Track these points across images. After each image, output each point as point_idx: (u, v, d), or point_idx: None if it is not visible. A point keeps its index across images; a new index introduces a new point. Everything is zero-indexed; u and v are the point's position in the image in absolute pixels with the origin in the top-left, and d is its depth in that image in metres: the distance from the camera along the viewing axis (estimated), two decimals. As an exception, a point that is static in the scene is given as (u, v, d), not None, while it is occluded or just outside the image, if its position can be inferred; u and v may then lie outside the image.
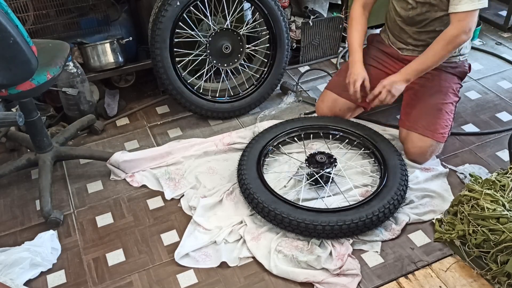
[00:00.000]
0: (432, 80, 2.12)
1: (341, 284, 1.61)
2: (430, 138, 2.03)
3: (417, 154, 2.06)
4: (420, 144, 2.04)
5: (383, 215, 1.76)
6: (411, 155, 2.08)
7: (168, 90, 2.30)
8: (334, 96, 2.24)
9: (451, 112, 2.10)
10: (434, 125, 2.04)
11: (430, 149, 2.05)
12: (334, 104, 2.24)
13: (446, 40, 1.90)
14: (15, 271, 1.65)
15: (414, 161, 2.09)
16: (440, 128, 2.05)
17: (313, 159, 1.96)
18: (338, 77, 2.29)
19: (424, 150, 2.04)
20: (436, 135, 2.03)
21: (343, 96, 2.20)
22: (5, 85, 1.65)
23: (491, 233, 1.60)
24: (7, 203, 2.03)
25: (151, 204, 1.99)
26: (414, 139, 2.06)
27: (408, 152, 2.09)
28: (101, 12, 2.37)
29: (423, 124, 2.05)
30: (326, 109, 2.26)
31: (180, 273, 1.70)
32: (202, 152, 2.18)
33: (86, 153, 2.16)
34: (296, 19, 2.78)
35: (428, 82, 2.13)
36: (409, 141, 2.07)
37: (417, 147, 2.05)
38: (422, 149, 2.04)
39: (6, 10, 1.52)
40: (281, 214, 1.73)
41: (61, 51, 1.88)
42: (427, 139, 2.03)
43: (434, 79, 2.12)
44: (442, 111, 2.07)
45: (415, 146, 2.05)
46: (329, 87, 2.29)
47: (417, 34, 2.10)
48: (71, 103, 2.35)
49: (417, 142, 2.05)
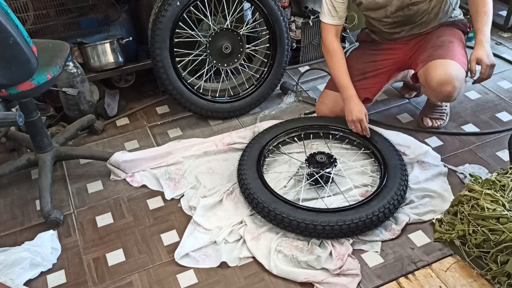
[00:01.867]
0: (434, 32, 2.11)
1: (341, 284, 1.61)
2: (452, 60, 1.94)
3: (444, 80, 1.93)
4: (445, 69, 1.93)
5: (383, 215, 1.76)
6: (438, 83, 1.94)
7: (168, 90, 2.30)
8: (334, 96, 2.22)
9: (463, 48, 2.05)
10: (451, 52, 1.98)
11: (458, 74, 1.94)
12: (335, 104, 2.22)
13: None
14: (15, 271, 1.65)
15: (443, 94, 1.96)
16: (459, 54, 1.98)
17: (313, 159, 1.96)
18: None
19: (451, 75, 1.92)
20: (457, 59, 1.96)
21: None
22: (5, 85, 1.65)
23: (491, 233, 1.60)
24: (7, 203, 2.03)
25: (151, 204, 1.99)
26: (436, 65, 1.95)
27: (433, 80, 1.95)
28: (101, 12, 2.37)
29: (440, 53, 1.99)
30: (326, 110, 2.25)
31: (180, 273, 1.70)
32: (202, 152, 2.18)
33: (86, 153, 2.16)
34: (296, 19, 2.78)
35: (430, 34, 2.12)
36: (432, 69, 1.96)
37: (443, 72, 1.92)
38: (448, 74, 1.92)
39: (6, 10, 1.52)
40: (281, 214, 1.73)
41: (61, 51, 1.88)
42: (451, 62, 1.94)
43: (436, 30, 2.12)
44: (454, 43, 2.02)
45: (440, 72, 1.93)
46: (329, 86, 2.28)
47: (410, 30, 2.11)
48: (71, 103, 2.35)
49: (440, 67, 1.93)
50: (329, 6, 2.08)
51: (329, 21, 2.11)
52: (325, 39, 2.14)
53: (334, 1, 2.06)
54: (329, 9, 2.08)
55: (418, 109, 2.46)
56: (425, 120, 2.32)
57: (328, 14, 2.10)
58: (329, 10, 2.09)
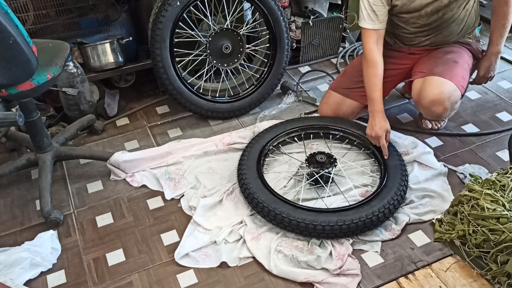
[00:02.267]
0: (446, 47, 2.11)
1: (341, 284, 1.61)
2: (449, 80, 1.93)
3: (436, 100, 1.94)
4: (440, 88, 1.92)
5: (383, 215, 1.76)
6: (429, 102, 1.95)
7: (168, 90, 2.30)
8: (339, 98, 2.20)
9: (467, 70, 2.04)
10: (452, 72, 1.97)
11: (451, 96, 1.94)
12: (339, 106, 2.21)
13: None
14: (15, 271, 1.65)
15: (433, 114, 1.98)
16: (459, 76, 1.96)
17: (313, 159, 1.96)
18: (342, 78, 2.26)
19: (444, 96, 1.92)
20: (456, 80, 1.94)
21: (350, 97, 2.18)
22: (5, 85, 1.65)
23: (491, 233, 1.60)
24: (7, 203, 2.03)
25: (151, 204, 1.99)
26: (432, 83, 1.95)
27: (426, 98, 1.96)
28: (101, 12, 2.37)
29: (440, 70, 1.97)
30: (330, 112, 2.24)
31: (180, 273, 1.70)
32: (202, 152, 2.18)
33: (86, 153, 2.16)
34: (296, 19, 2.78)
35: (441, 48, 2.11)
36: (427, 85, 1.95)
37: (437, 92, 1.93)
38: (441, 95, 1.93)
39: (6, 10, 1.52)
40: (281, 214, 1.73)
41: (61, 51, 1.88)
42: (447, 82, 1.93)
43: (448, 46, 2.11)
44: (458, 64, 2.01)
45: (434, 91, 1.93)
46: (333, 87, 2.25)
47: (434, 38, 2.09)
48: (71, 103, 2.35)
49: (436, 85, 1.93)
50: (368, 10, 1.97)
51: (369, 26, 1.99)
52: (365, 46, 2.02)
53: (374, 5, 1.95)
54: (368, 13, 1.97)
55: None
56: (425, 122, 2.31)
57: (368, 19, 1.98)
58: (368, 15, 1.97)
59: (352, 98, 2.18)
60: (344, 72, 2.31)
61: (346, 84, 2.20)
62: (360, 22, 2.03)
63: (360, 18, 2.02)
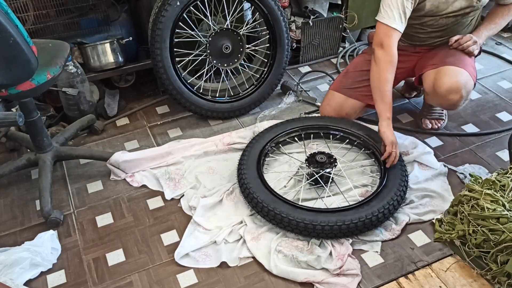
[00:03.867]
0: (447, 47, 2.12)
1: (341, 284, 1.61)
2: (464, 69, 1.94)
3: (454, 89, 1.93)
4: (456, 77, 1.92)
5: (383, 216, 1.76)
6: (446, 90, 1.94)
7: (168, 90, 2.29)
8: (341, 98, 2.20)
9: (473, 61, 2.06)
10: (464, 61, 1.99)
11: (466, 84, 1.94)
12: (342, 107, 2.20)
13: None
14: (15, 271, 1.65)
15: (449, 102, 1.98)
16: (470, 66, 1.99)
17: (313, 159, 1.96)
18: (344, 78, 2.25)
19: (460, 84, 1.92)
20: (469, 69, 1.96)
21: (353, 97, 2.17)
22: (5, 85, 1.65)
23: (491, 233, 1.60)
24: (7, 203, 2.03)
25: (151, 204, 1.99)
26: (448, 72, 1.94)
27: (442, 87, 1.94)
28: (101, 12, 2.37)
29: (452, 60, 1.98)
30: (332, 112, 2.23)
31: (180, 273, 1.70)
32: (202, 152, 2.18)
33: (86, 153, 2.16)
34: (296, 19, 2.78)
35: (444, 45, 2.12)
36: (443, 75, 1.94)
37: (454, 81, 1.92)
38: (458, 83, 1.92)
39: (6, 10, 1.52)
40: (281, 213, 1.73)
41: (61, 51, 1.88)
42: (462, 70, 1.94)
43: None
44: (466, 56, 2.04)
45: (450, 79, 1.92)
46: (334, 88, 2.24)
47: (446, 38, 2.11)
48: (71, 103, 2.35)
49: (451, 74, 1.93)
50: (401, 11, 1.91)
51: (398, 27, 1.94)
52: (389, 46, 1.95)
53: (407, 8, 1.91)
54: (400, 14, 1.92)
55: (418, 109, 2.46)
56: (425, 122, 2.31)
57: (399, 20, 1.93)
58: (400, 15, 1.92)
59: (356, 98, 2.18)
60: (345, 72, 2.30)
61: (349, 84, 2.20)
62: (387, 21, 1.94)
63: (388, 17, 1.94)
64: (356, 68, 2.22)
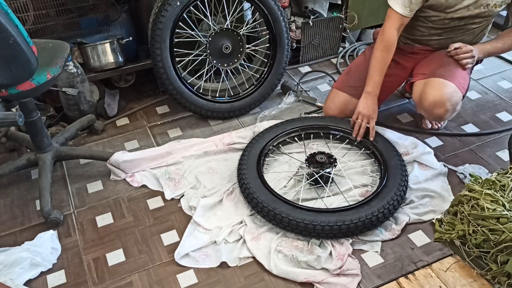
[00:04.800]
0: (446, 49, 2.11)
1: (341, 284, 1.61)
2: (451, 82, 1.94)
3: (438, 102, 1.94)
4: (441, 90, 1.93)
5: (383, 216, 1.76)
6: (430, 104, 1.96)
7: (168, 90, 2.29)
8: (346, 97, 2.19)
9: (467, 73, 2.05)
10: (453, 73, 1.98)
11: (452, 97, 1.95)
12: (346, 106, 2.20)
13: None
14: (15, 271, 1.65)
15: (434, 115, 2.00)
16: (459, 77, 1.98)
17: (313, 159, 1.96)
18: (347, 76, 2.25)
19: (445, 97, 1.93)
20: (456, 81, 1.95)
21: (357, 96, 2.16)
22: (5, 85, 1.65)
23: (491, 233, 1.60)
24: (7, 203, 2.03)
25: (151, 204, 1.99)
26: (434, 84, 1.96)
27: (427, 100, 1.97)
28: (101, 12, 2.37)
29: (441, 72, 1.98)
30: (336, 111, 2.22)
31: (180, 273, 1.70)
32: (202, 152, 2.18)
33: (86, 153, 2.16)
34: (296, 19, 2.78)
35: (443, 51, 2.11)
36: (428, 87, 1.96)
37: (438, 94, 1.93)
38: (442, 96, 1.93)
39: (6, 10, 1.52)
40: (281, 213, 1.73)
41: (61, 51, 1.88)
42: (448, 83, 1.94)
43: None
44: (459, 67, 2.03)
45: (435, 93, 1.94)
46: (338, 86, 2.24)
47: (443, 40, 2.10)
48: (71, 103, 2.35)
49: (437, 87, 1.94)
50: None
51: (399, 10, 1.96)
52: (386, 28, 2.00)
53: None
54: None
55: (418, 109, 2.46)
56: (424, 122, 2.31)
57: (402, 3, 1.94)
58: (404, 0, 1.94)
59: (359, 98, 2.15)
60: (348, 70, 2.29)
61: (353, 83, 2.19)
62: (390, 2, 1.98)
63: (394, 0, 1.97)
64: (359, 67, 2.22)
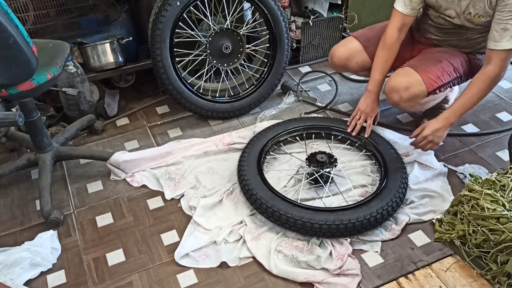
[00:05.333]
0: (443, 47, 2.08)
1: (341, 284, 1.61)
2: (417, 73, 1.92)
3: (394, 88, 1.94)
4: (402, 78, 1.92)
5: (381, 217, 1.75)
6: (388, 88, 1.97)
7: (168, 90, 2.30)
8: (358, 46, 2.15)
9: (450, 73, 1.99)
10: (426, 68, 1.94)
11: (410, 87, 1.92)
12: (354, 55, 2.15)
13: (488, 81, 1.83)
14: (15, 271, 1.65)
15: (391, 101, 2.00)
16: (432, 73, 1.93)
17: (314, 158, 1.96)
18: (369, 30, 2.22)
19: (401, 85, 1.92)
20: (425, 75, 1.92)
21: (368, 51, 2.13)
22: (5, 85, 1.65)
23: (491, 233, 1.60)
24: (7, 203, 2.03)
25: (151, 204, 1.99)
26: (401, 72, 1.96)
27: (387, 85, 1.98)
28: (101, 12, 2.37)
29: (416, 64, 1.97)
30: (343, 54, 2.17)
31: (180, 273, 1.70)
32: (202, 152, 2.18)
33: (86, 153, 2.16)
34: (296, 19, 2.78)
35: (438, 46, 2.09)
36: (395, 74, 1.97)
37: (397, 80, 1.93)
38: (399, 83, 1.92)
39: (6, 10, 1.52)
40: (279, 211, 1.73)
41: (61, 51, 1.88)
42: (413, 73, 1.92)
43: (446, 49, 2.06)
44: (441, 63, 1.98)
45: (395, 79, 1.95)
46: (356, 34, 2.20)
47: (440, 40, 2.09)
48: (71, 103, 2.35)
49: (400, 74, 1.95)
50: None
51: (399, 8, 1.96)
52: (389, 29, 2.00)
53: None
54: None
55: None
56: (423, 121, 2.31)
57: (402, 1, 1.94)
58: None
59: (368, 54, 2.14)
60: (372, 27, 2.25)
61: (371, 36, 2.16)
62: (395, 2, 1.99)
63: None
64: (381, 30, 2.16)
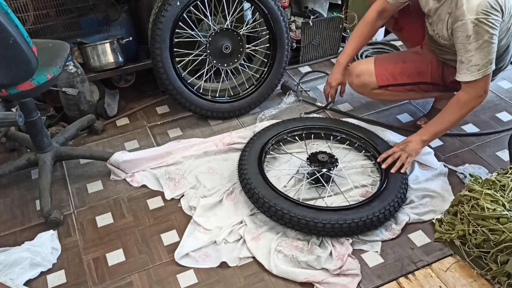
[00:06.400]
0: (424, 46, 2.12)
1: (341, 284, 1.61)
2: (374, 66, 2.04)
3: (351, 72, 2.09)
4: (362, 65, 2.07)
5: (383, 217, 1.76)
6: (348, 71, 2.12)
7: (168, 90, 2.29)
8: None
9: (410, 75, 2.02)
10: (385, 63, 2.05)
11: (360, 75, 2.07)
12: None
13: (459, 105, 1.82)
14: (15, 271, 1.65)
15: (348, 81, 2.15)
16: (387, 70, 2.04)
17: (315, 158, 1.96)
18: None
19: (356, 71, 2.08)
20: (379, 69, 2.03)
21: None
22: (5, 85, 1.65)
23: (491, 233, 1.60)
24: (7, 203, 2.03)
25: (151, 204, 1.99)
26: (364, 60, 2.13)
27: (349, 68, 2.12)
28: (101, 12, 2.37)
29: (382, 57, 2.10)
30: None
31: (180, 273, 1.70)
32: (202, 152, 2.18)
33: (86, 153, 2.16)
34: (296, 19, 2.78)
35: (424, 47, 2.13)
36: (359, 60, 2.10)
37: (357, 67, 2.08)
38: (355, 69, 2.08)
39: (6, 10, 1.52)
40: (282, 210, 1.73)
41: (61, 51, 1.88)
42: (371, 65, 2.05)
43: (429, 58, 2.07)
44: (404, 64, 2.05)
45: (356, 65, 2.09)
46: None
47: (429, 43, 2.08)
48: (71, 103, 2.35)
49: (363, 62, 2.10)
50: None
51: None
52: (370, 8, 2.06)
53: None
54: None
55: (418, 109, 2.46)
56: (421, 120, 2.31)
57: None
58: None
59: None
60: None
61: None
62: None
63: None
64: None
